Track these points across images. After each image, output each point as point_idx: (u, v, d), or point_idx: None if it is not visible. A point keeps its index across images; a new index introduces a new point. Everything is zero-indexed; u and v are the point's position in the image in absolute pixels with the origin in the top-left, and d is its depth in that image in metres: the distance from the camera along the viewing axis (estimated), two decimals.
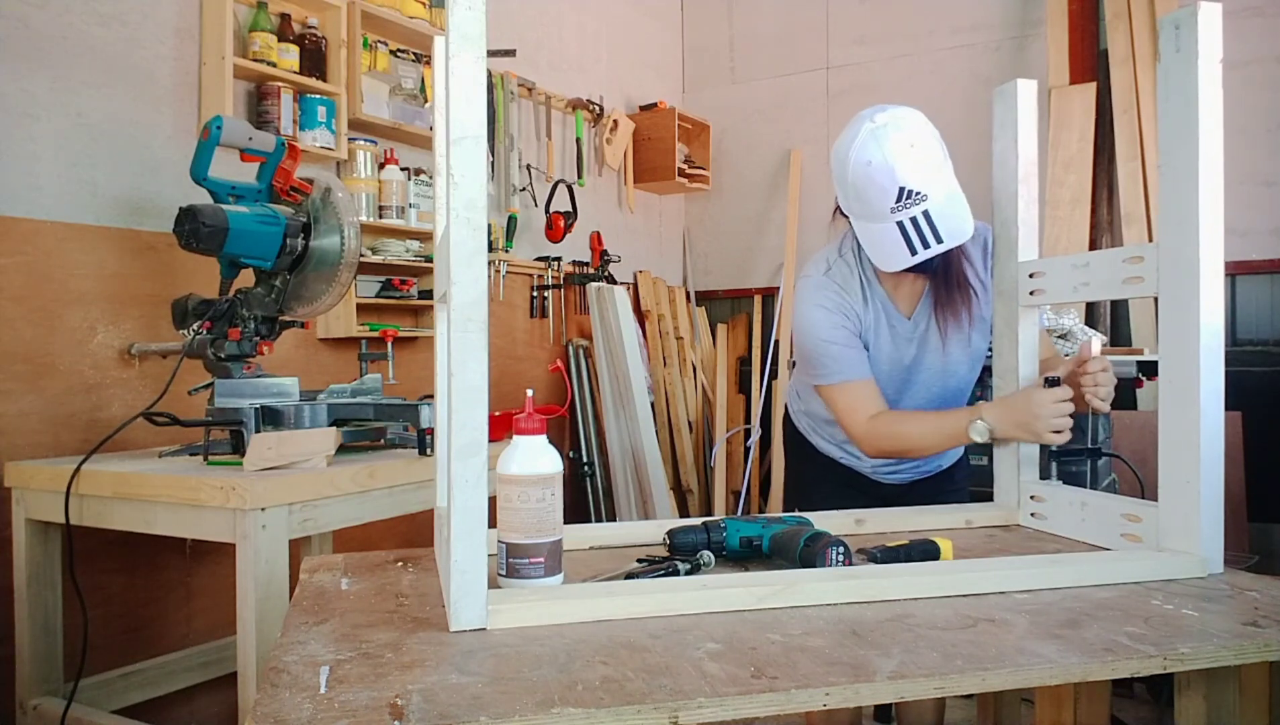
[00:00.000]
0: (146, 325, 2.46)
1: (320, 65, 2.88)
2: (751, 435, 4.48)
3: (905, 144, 1.55)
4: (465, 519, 0.96)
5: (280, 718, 0.77)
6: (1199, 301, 1.20)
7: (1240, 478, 3.18)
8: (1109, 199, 3.76)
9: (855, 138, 1.59)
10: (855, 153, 1.58)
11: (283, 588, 1.73)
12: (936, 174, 1.55)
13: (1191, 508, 1.21)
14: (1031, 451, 1.60)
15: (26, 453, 2.20)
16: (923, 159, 1.55)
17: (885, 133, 1.56)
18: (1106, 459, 2.53)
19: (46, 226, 2.28)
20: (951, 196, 1.56)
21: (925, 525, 1.54)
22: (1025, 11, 4.09)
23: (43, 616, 2.02)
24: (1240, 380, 3.09)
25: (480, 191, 0.96)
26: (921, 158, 1.55)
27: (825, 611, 1.06)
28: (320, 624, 1.03)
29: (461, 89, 0.95)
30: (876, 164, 1.55)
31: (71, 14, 2.33)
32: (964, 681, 0.87)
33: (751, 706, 0.82)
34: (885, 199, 1.56)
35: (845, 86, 4.56)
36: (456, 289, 0.95)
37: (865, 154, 1.57)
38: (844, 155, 1.61)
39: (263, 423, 1.98)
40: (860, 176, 1.57)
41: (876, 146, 1.56)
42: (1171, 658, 0.93)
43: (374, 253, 3.08)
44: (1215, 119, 1.19)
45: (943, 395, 1.83)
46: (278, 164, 2.24)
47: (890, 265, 1.59)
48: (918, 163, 1.54)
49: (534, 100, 3.97)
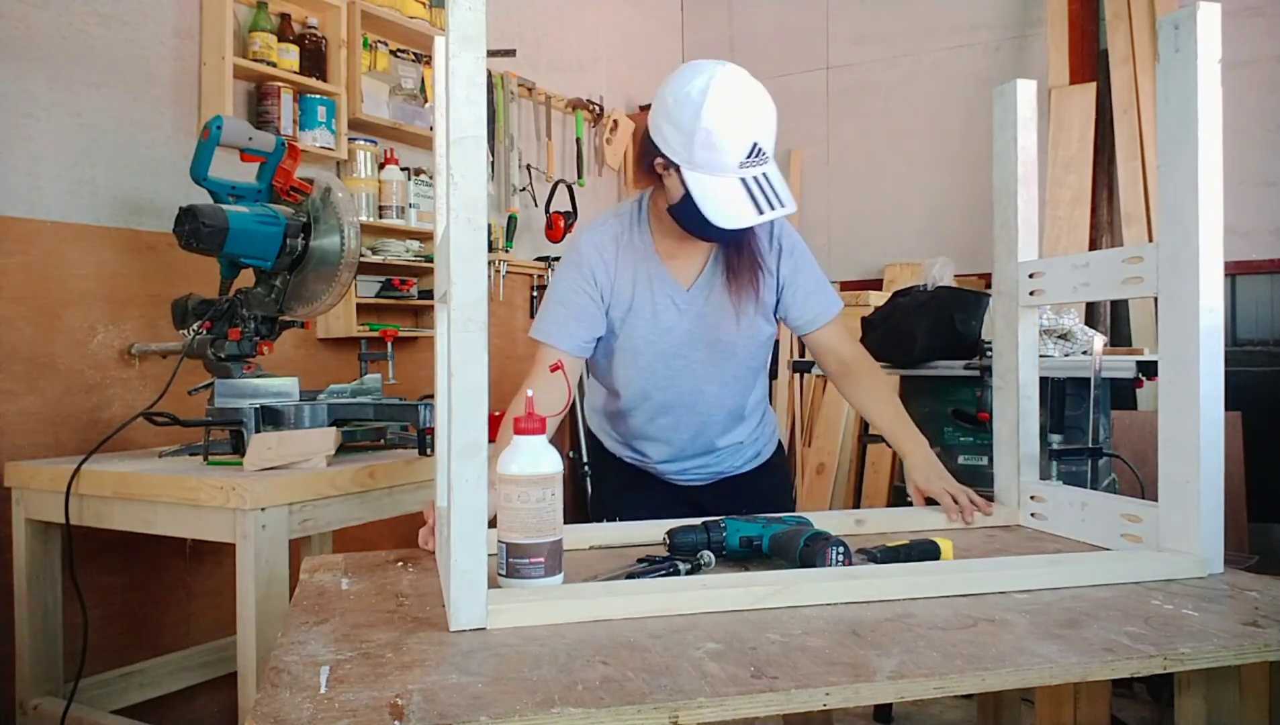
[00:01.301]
0: (146, 325, 2.46)
1: (320, 65, 2.88)
2: None
3: (760, 100, 1.51)
4: (465, 519, 0.96)
5: (280, 718, 0.77)
6: (1199, 301, 1.20)
7: (1240, 478, 3.18)
8: (1109, 199, 3.76)
9: (710, 84, 1.48)
10: (714, 98, 1.47)
11: (283, 588, 1.73)
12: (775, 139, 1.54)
13: (1191, 508, 1.21)
14: (1032, 451, 1.60)
15: (26, 453, 2.20)
16: (772, 120, 1.52)
17: (741, 84, 1.50)
18: (1106, 459, 2.53)
19: (46, 226, 2.27)
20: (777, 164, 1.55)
21: (926, 525, 1.54)
22: (1025, 11, 4.09)
23: (43, 616, 2.02)
24: (1240, 380, 3.09)
25: (480, 192, 0.96)
26: (772, 118, 1.52)
27: (825, 611, 1.06)
28: (320, 624, 1.03)
29: (461, 89, 0.95)
30: (735, 112, 1.49)
31: (71, 14, 2.33)
32: (964, 681, 0.87)
33: (751, 706, 0.82)
34: (736, 152, 1.49)
35: (845, 86, 4.56)
36: (456, 289, 0.95)
37: (726, 101, 1.48)
38: (693, 99, 1.49)
39: (263, 423, 1.98)
40: (716, 123, 1.47)
41: (738, 97, 1.49)
42: (1171, 658, 0.93)
43: (374, 253, 3.08)
44: (1215, 119, 1.19)
45: (719, 375, 1.76)
46: (278, 164, 2.24)
47: (731, 221, 1.51)
48: (770, 122, 1.51)
49: (534, 100, 3.97)
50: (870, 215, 4.46)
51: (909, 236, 4.32)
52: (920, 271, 3.61)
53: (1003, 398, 1.62)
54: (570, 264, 1.69)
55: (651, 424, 1.80)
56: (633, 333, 1.71)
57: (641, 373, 1.74)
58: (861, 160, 4.50)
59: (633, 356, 1.73)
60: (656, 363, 1.72)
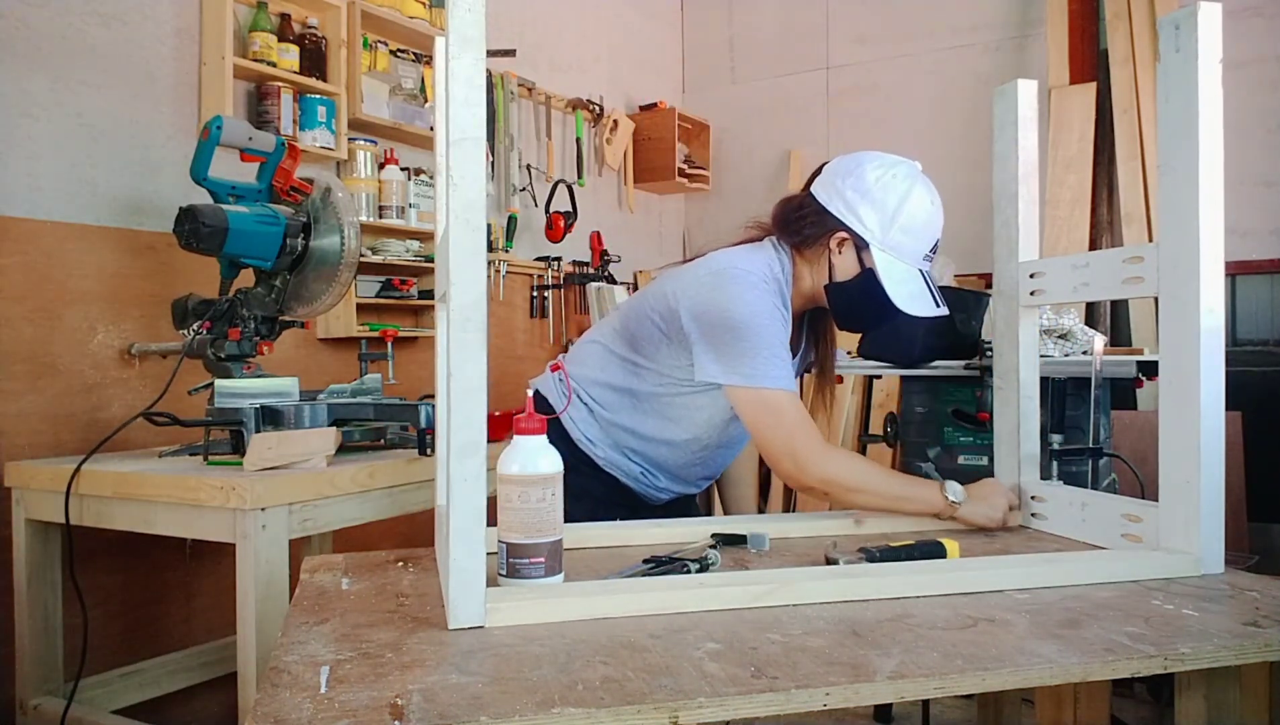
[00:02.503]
0: (146, 325, 2.46)
1: (320, 65, 2.88)
2: None
3: (939, 201, 1.56)
4: (464, 518, 0.96)
5: (280, 718, 0.77)
6: (1199, 301, 1.20)
7: (1240, 478, 3.18)
8: (1109, 199, 3.76)
9: (914, 174, 1.54)
10: (920, 189, 1.53)
11: (283, 588, 1.73)
12: None
13: (1192, 508, 1.21)
14: (1032, 451, 1.60)
15: (26, 453, 2.20)
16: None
17: (931, 186, 1.55)
18: (1106, 459, 2.53)
19: (46, 226, 2.28)
20: None
21: (925, 525, 1.54)
22: (1025, 11, 4.09)
23: (43, 616, 2.02)
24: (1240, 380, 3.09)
25: (479, 193, 0.96)
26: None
27: (825, 610, 1.06)
28: (320, 624, 1.03)
29: (461, 91, 0.95)
30: (933, 206, 1.54)
31: (71, 14, 2.33)
32: (964, 681, 0.87)
33: (751, 706, 0.82)
34: (924, 245, 1.54)
35: (845, 86, 4.56)
36: (456, 289, 0.95)
37: (928, 194, 1.54)
38: (900, 185, 1.52)
39: (263, 423, 1.98)
40: (920, 211, 1.52)
41: (934, 193, 1.55)
42: (1172, 658, 0.93)
43: (374, 253, 3.08)
44: (1215, 119, 1.19)
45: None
46: (278, 164, 2.24)
47: (916, 309, 1.52)
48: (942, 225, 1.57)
49: (534, 100, 3.97)
50: None
51: None
52: None
53: (1003, 398, 1.62)
54: (769, 311, 1.52)
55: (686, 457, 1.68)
56: None
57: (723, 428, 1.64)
58: None
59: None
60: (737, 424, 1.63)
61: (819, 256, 1.59)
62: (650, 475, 1.69)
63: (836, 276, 1.58)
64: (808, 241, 1.59)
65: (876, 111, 4.48)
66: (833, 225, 1.56)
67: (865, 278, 1.54)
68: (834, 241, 1.56)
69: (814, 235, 1.58)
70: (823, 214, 1.57)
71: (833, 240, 1.56)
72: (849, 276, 1.56)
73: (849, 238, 1.55)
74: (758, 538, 1.37)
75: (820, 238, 1.58)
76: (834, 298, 1.60)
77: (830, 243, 1.57)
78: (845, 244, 1.56)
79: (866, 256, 1.54)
